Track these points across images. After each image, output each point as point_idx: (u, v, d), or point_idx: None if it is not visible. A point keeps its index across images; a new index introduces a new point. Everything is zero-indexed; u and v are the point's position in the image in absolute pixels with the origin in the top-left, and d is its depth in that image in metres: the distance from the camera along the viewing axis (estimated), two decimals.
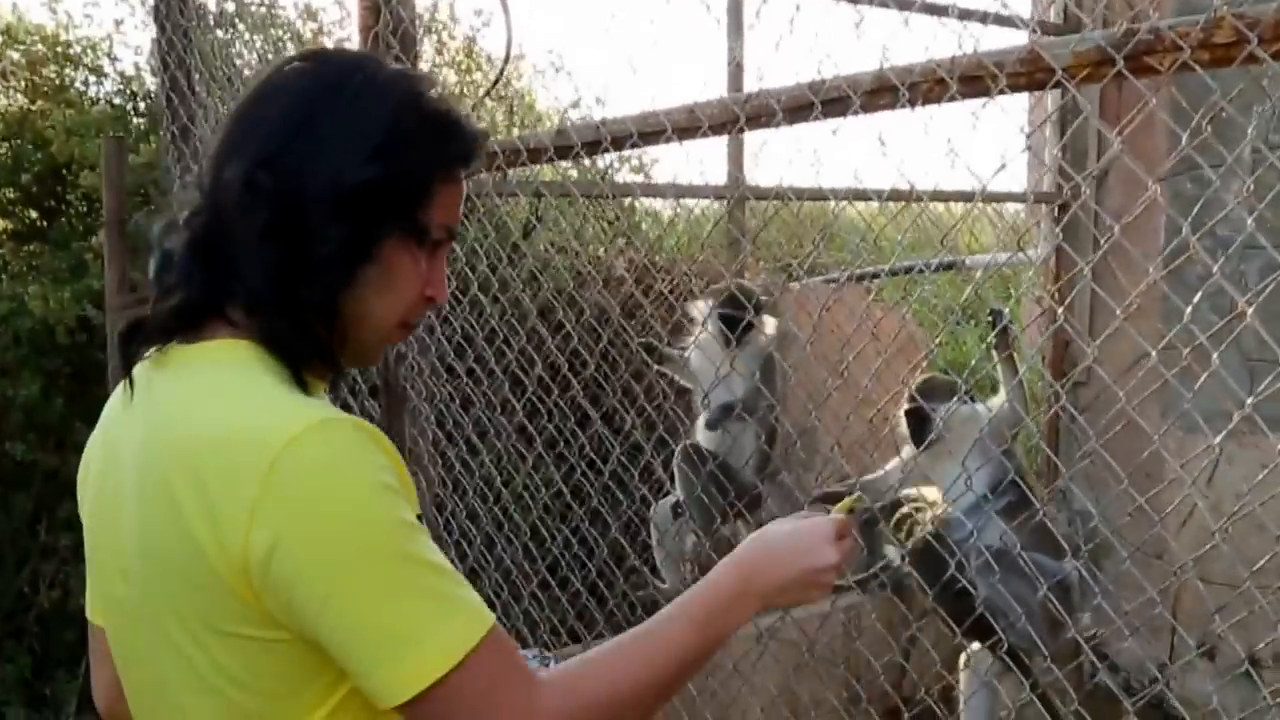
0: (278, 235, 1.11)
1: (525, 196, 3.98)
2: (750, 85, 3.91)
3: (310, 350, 1.16)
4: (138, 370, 1.19)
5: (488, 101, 5.01)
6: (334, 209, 1.11)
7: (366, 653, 1.04)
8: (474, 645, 1.05)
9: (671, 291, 4.13)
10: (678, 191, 4.58)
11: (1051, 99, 4.38)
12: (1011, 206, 5.04)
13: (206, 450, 1.06)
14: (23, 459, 4.27)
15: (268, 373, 1.13)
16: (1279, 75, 3.55)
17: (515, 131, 5.14)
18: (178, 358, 1.15)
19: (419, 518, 1.11)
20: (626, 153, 5.95)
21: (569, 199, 4.55)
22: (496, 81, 4.32)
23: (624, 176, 5.78)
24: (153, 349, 1.18)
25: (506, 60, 4.20)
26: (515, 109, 5.33)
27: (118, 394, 1.25)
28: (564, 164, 5.29)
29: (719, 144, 4.58)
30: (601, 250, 4.75)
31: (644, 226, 5.53)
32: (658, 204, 5.87)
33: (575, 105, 6.07)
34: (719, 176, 4.38)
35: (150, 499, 1.11)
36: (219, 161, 1.16)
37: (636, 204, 5.87)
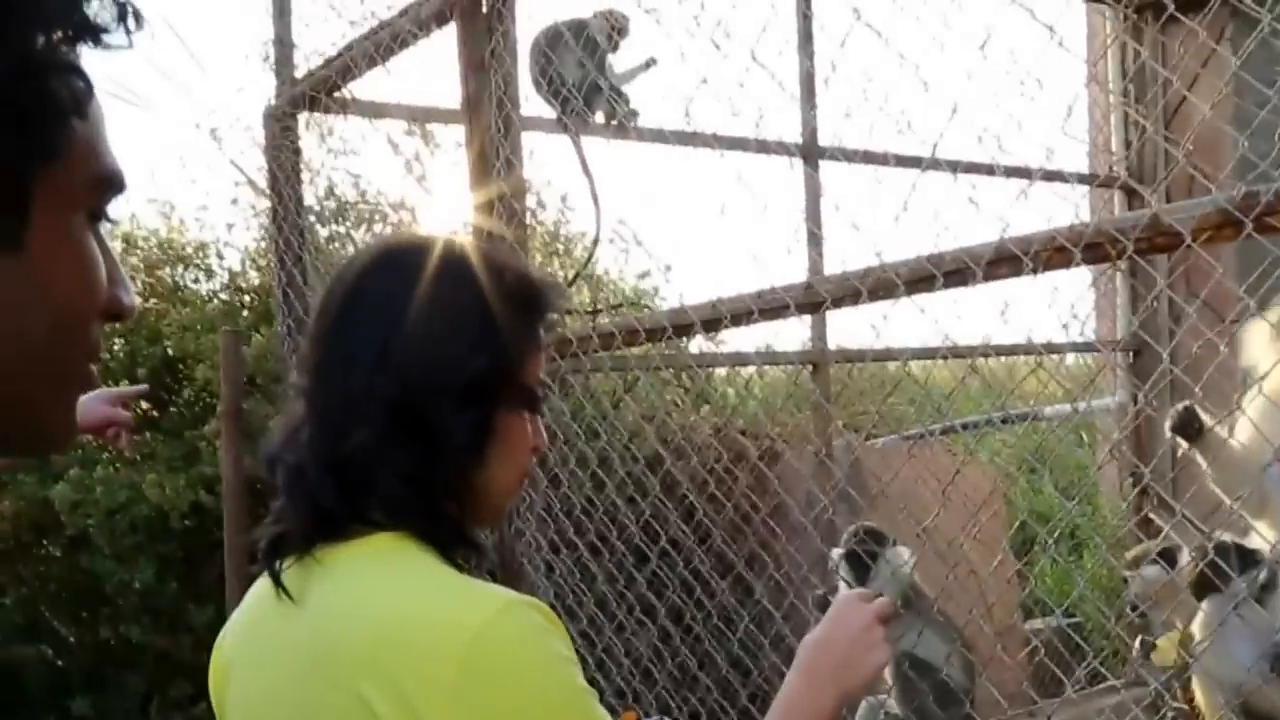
0: (406, 438, 1.14)
1: (614, 372, 4.14)
2: (831, 263, 4.12)
3: (453, 536, 1.21)
4: (288, 576, 1.18)
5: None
6: (456, 401, 1.15)
7: None
8: None
9: (761, 456, 4.24)
10: (763, 359, 4.75)
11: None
12: (1070, 357, 5.17)
13: (393, 640, 1.08)
14: (137, 641, 4.38)
15: (435, 560, 1.16)
16: None
17: (599, 308, 5.33)
18: (333, 558, 1.14)
19: None
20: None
21: (657, 371, 4.73)
22: (587, 263, 4.55)
23: (697, 346, 5.97)
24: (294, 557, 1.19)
25: (596, 244, 4.45)
26: (600, 286, 5.56)
27: (254, 603, 1.26)
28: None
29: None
30: (691, 418, 4.88)
31: (722, 391, 5.69)
32: (724, 371, 6.03)
33: (644, 275, 6.32)
34: (785, 343, 4.52)
35: (318, 701, 1.12)
36: (326, 374, 1.18)
37: (712, 374, 6.04)
